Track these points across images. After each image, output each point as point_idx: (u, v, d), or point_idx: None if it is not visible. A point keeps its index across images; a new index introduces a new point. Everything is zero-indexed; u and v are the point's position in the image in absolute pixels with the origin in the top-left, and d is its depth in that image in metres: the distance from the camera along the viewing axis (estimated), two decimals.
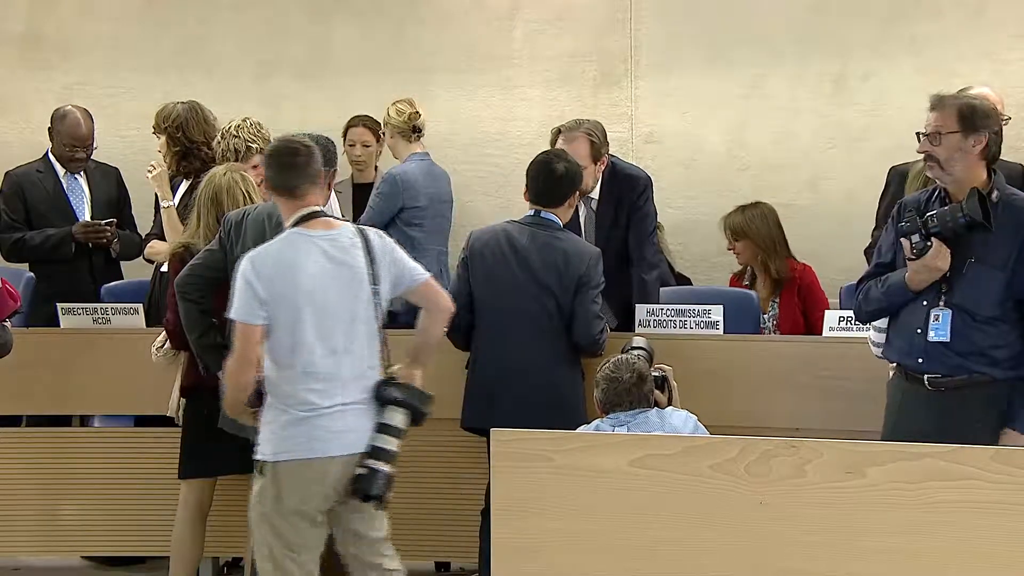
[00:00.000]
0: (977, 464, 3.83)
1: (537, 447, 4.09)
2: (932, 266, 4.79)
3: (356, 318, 4.70)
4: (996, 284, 4.77)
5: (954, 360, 4.80)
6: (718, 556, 3.97)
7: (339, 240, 4.72)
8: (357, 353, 4.70)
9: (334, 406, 4.66)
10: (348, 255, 4.71)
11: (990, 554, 3.80)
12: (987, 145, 4.82)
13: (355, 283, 4.70)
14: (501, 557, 4.10)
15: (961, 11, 7.49)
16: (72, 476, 6.26)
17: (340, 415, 4.67)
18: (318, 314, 4.65)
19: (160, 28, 8.16)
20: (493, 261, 5.66)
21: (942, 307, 4.82)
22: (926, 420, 4.79)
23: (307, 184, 4.77)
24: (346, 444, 4.67)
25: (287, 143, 4.86)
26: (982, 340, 4.78)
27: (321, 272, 4.67)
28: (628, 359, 5.09)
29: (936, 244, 4.77)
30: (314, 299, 4.65)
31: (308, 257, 4.68)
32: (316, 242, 4.70)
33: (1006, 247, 4.77)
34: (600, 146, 6.20)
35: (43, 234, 6.90)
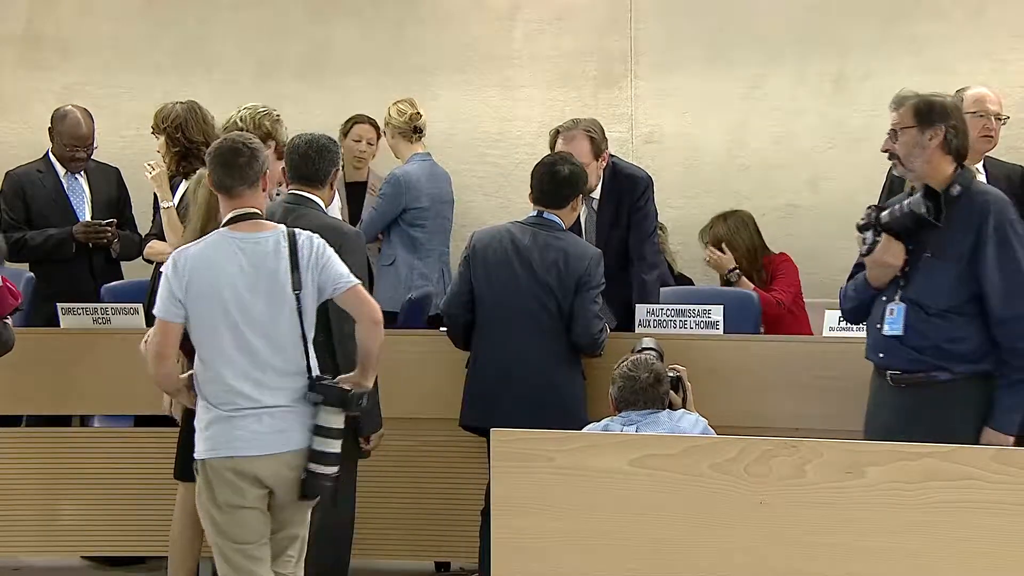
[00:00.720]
0: (977, 464, 3.83)
1: (537, 447, 4.09)
2: (882, 261, 4.86)
3: (277, 322, 4.65)
4: (949, 277, 4.79)
5: (910, 355, 4.83)
6: (718, 556, 3.97)
7: (262, 244, 4.67)
8: (279, 356, 4.66)
9: (257, 407, 4.64)
10: (268, 259, 4.66)
11: (990, 554, 3.80)
12: (945, 139, 4.84)
13: (274, 287, 4.65)
14: (501, 557, 4.10)
15: (961, 11, 7.49)
16: (72, 476, 6.26)
17: (264, 417, 4.64)
18: (235, 315, 4.64)
19: (160, 28, 8.16)
20: (495, 260, 5.67)
21: (897, 301, 4.86)
22: (891, 416, 4.85)
23: (243, 185, 4.71)
24: (269, 445, 4.64)
25: (231, 142, 4.80)
26: (936, 334, 4.79)
27: (239, 274, 4.65)
28: (647, 359, 5.08)
29: (884, 239, 4.84)
30: (230, 300, 4.64)
31: (227, 258, 4.66)
32: (238, 244, 4.67)
33: (961, 241, 4.79)
34: (600, 142, 6.21)
35: (43, 234, 6.90)
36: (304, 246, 4.70)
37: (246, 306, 4.64)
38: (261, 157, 4.76)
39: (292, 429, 4.66)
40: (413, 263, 7.03)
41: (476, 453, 5.69)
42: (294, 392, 4.68)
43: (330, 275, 4.72)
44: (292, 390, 4.68)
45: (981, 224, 4.76)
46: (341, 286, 4.73)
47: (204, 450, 4.69)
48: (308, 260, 4.68)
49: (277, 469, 4.67)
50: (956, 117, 4.88)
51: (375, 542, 6.08)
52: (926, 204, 4.78)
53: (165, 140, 6.62)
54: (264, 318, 4.65)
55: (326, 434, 4.68)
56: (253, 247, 4.67)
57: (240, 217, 4.71)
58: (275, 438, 4.65)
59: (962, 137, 4.87)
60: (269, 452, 4.65)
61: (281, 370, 4.67)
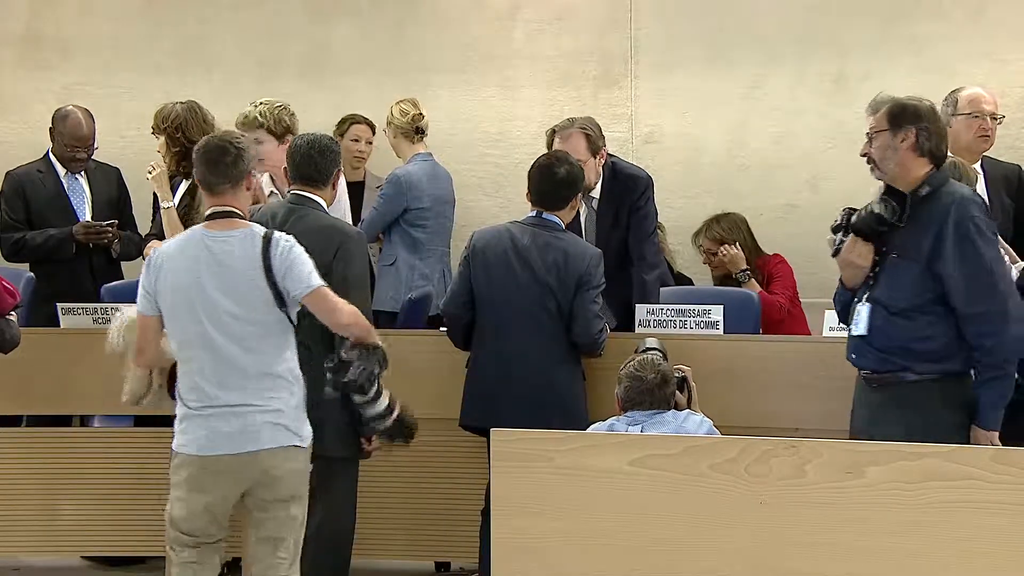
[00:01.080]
0: (977, 464, 3.83)
1: (537, 447, 4.09)
2: (847, 261, 4.94)
3: (245, 320, 4.64)
4: (910, 276, 4.82)
5: (877, 355, 4.88)
6: (718, 556, 3.97)
7: (230, 242, 4.67)
8: (247, 357, 4.65)
9: (222, 406, 4.65)
10: (234, 258, 4.65)
11: (990, 554, 3.81)
12: (917, 141, 4.86)
13: (239, 285, 4.63)
14: (501, 557, 4.10)
15: (961, 11, 7.50)
16: (72, 476, 6.26)
17: (230, 417, 4.65)
18: (200, 312, 4.65)
19: (160, 28, 8.16)
20: (495, 260, 5.67)
21: (864, 302, 4.92)
22: (867, 414, 4.91)
23: (226, 184, 4.72)
24: (234, 444, 4.65)
25: (219, 140, 4.81)
26: (898, 334, 4.82)
27: (205, 271, 4.65)
28: (654, 359, 5.09)
29: (849, 240, 4.90)
30: (196, 298, 4.65)
31: (195, 255, 4.68)
32: (208, 241, 4.68)
33: (923, 240, 4.81)
34: (596, 139, 6.21)
35: (44, 234, 6.90)
36: (277, 247, 4.67)
37: (213, 304, 4.64)
38: (247, 157, 4.77)
39: (260, 429, 4.65)
40: (414, 263, 7.03)
41: (476, 453, 5.69)
42: (263, 392, 4.66)
43: (293, 279, 4.66)
44: (261, 390, 4.66)
45: (943, 223, 4.78)
46: (300, 291, 4.67)
47: (176, 444, 4.73)
48: (279, 262, 4.65)
49: (241, 468, 4.67)
50: (929, 119, 4.90)
51: (375, 542, 6.08)
52: (885, 204, 4.84)
53: (165, 140, 6.62)
54: (229, 317, 4.64)
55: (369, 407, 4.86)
56: (222, 245, 4.68)
57: (216, 215, 4.72)
58: (241, 438, 4.65)
59: (936, 139, 4.89)
60: (233, 452, 4.66)
61: (248, 370, 4.65)
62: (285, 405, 4.69)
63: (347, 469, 5.43)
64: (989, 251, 4.77)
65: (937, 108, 5.05)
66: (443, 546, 6.25)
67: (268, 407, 4.66)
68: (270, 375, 4.67)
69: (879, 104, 4.95)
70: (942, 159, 4.93)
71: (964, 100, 6.26)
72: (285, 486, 4.73)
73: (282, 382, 4.70)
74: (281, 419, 4.67)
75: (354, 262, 5.29)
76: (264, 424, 4.66)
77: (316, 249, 5.13)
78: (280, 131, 6.31)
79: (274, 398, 4.67)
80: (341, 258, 5.24)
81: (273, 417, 4.67)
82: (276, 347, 4.70)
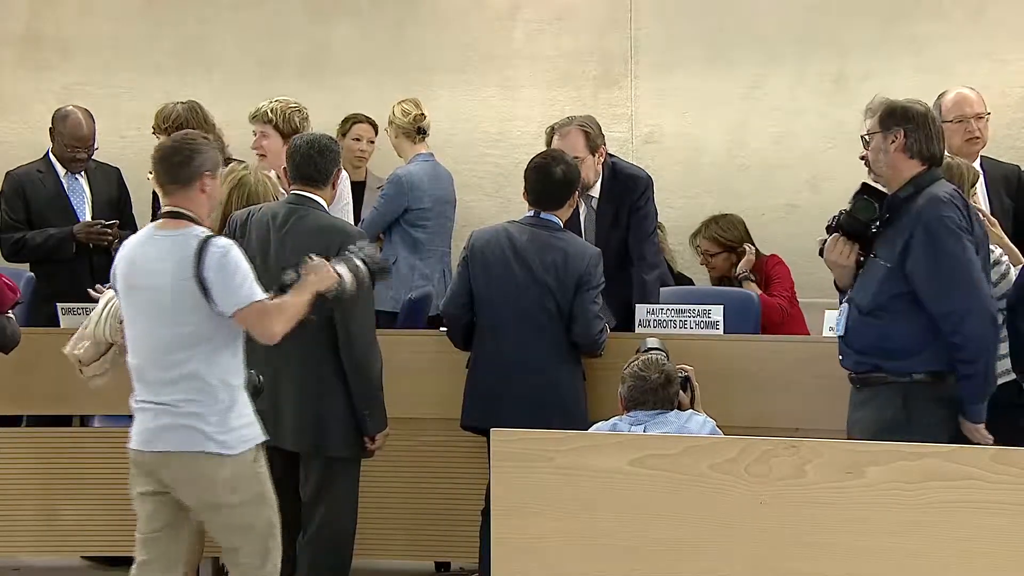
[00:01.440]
0: (977, 464, 3.83)
1: (537, 447, 4.09)
2: (830, 261, 5.01)
3: (172, 321, 4.60)
4: (880, 278, 4.87)
5: (853, 355, 4.95)
6: (718, 556, 3.97)
7: (162, 244, 4.65)
8: (168, 356, 4.62)
9: (148, 403, 4.68)
10: (163, 261, 4.62)
11: (990, 554, 3.81)
12: (906, 142, 4.89)
13: (168, 287, 4.60)
14: (501, 557, 4.10)
15: (961, 11, 7.50)
16: (72, 476, 6.25)
17: (156, 414, 4.65)
18: (134, 309, 4.69)
19: (160, 28, 8.16)
20: (494, 260, 5.66)
21: (844, 302, 5.01)
22: (851, 413, 4.97)
23: (174, 184, 4.69)
24: (154, 442, 4.66)
25: (172, 141, 4.79)
26: (870, 333, 4.88)
27: (143, 269, 4.67)
28: (658, 359, 5.08)
29: (831, 239, 4.97)
30: (134, 294, 4.69)
31: (139, 253, 4.70)
32: (152, 240, 4.69)
33: (899, 240, 4.85)
34: (596, 137, 6.21)
35: (44, 234, 6.90)
36: (212, 255, 4.56)
37: (146, 301, 4.65)
38: (199, 159, 4.69)
39: (180, 430, 4.61)
40: (414, 263, 7.03)
41: (476, 453, 5.69)
42: (182, 394, 4.60)
43: (224, 292, 4.57)
44: (181, 392, 4.61)
45: (916, 223, 4.82)
46: (230, 308, 4.58)
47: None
48: (211, 271, 4.55)
49: (155, 467, 4.69)
50: (918, 120, 4.92)
51: (375, 542, 6.08)
52: (855, 200, 4.91)
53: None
54: (157, 317, 4.64)
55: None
56: (157, 244, 4.67)
57: (166, 214, 4.71)
58: (152, 436, 4.66)
59: (926, 140, 4.91)
60: (153, 449, 4.67)
61: (170, 371, 4.62)
62: (206, 409, 4.59)
63: (349, 469, 5.43)
64: (956, 250, 4.79)
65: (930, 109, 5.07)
66: (443, 546, 6.25)
67: (184, 410, 4.60)
68: (195, 378, 4.59)
69: (873, 108, 4.99)
70: (935, 160, 4.94)
71: (947, 106, 6.27)
72: (199, 492, 4.66)
73: (206, 386, 4.59)
74: (197, 423, 4.59)
75: None
76: (177, 426, 4.61)
77: (317, 249, 5.14)
78: (288, 130, 6.33)
79: (193, 401, 4.60)
80: None
81: (188, 420, 4.60)
82: (208, 351, 4.60)
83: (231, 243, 4.66)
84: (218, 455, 4.60)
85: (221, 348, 4.62)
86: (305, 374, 5.31)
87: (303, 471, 5.40)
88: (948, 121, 6.09)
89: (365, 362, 5.31)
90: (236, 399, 4.65)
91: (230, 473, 4.63)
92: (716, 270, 7.15)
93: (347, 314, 5.23)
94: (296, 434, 5.32)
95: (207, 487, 4.64)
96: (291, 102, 6.41)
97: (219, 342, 4.61)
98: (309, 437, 5.33)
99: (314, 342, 5.24)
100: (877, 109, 4.98)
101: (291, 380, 5.30)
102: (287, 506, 5.41)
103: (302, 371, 5.30)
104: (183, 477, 4.65)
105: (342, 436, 5.34)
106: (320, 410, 5.31)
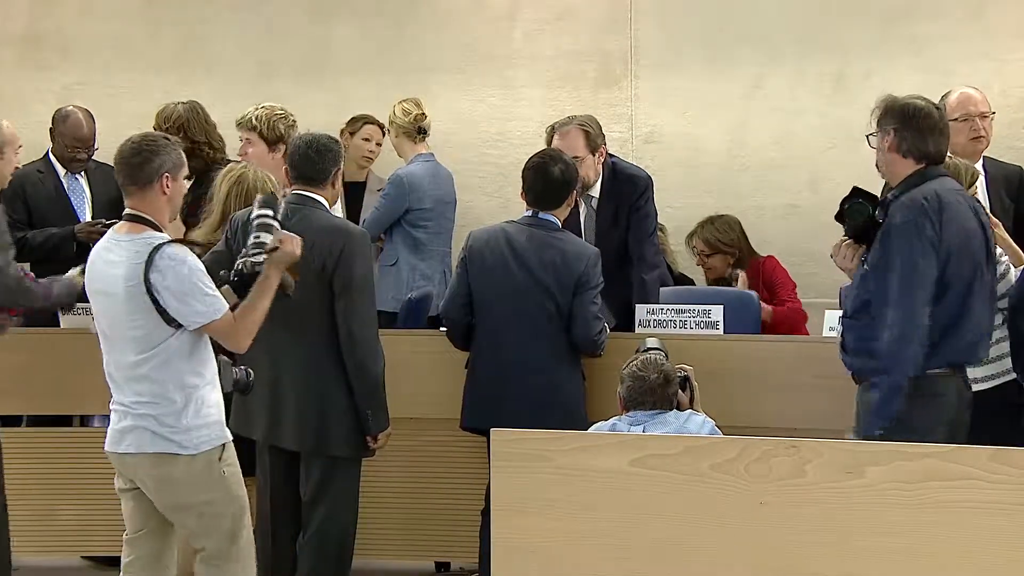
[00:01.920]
0: (977, 464, 3.83)
1: (537, 447, 4.09)
2: (838, 264, 5.07)
3: (128, 324, 4.58)
4: (857, 282, 4.92)
5: (847, 358, 5.00)
6: (718, 556, 3.97)
7: (116, 249, 4.62)
8: (129, 356, 4.61)
9: (113, 403, 4.69)
10: (117, 266, 4.60)
11: (990, 554, 3.80)
12: (896, 141, 4.89)
13: (116, 290, 4.58)
14: (501, 557, 4.10)
15: (961, 11, 7.50)
16: (72, 476, 6.26)
17: (120, 415, 4.66)
18: (97, 311, 4.71)
19: (160, 28, 8.16)
20: (492, 261, 5.66)
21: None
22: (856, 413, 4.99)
23: (132, 185, 4.65)
24: (117, 443, 4.67)
25: (131, 142, 4.74)
26: (854, 336, 4.93)
27: (100, 273, 4.67)
28: (656, 359, 5.07)
29: (835, 245, 5.03)
30: (94, 297, 4.71)
31: (100, 257, 4.70)
32: (112, 244, 4.66)
33: (878, 243, 4.87)
34: (596, 136, 6.20)
35: (45, 233, 6.90)
36: (162, 265, 4.52)
37: (105, 305, 4.66)
38: (158, 161, 4.64)
39: (139, 431, 4.60)
40: (415, 264, 7.04)
41: (476, 453, 5.69)
42: (141, 395, 4.60)
43: (184, 307, 4.54)
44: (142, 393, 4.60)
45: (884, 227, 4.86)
46: (195, 324, 4.57)
47: None
48: (165, 280, 4.52)
49: (122, 467, 4.70)
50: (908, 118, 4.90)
51: (375, 542, 6.08)
52: (850, 205, 4.95)
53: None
54: (111, 319, 4.64)
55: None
56: (113, 249, 4.64)
57: (125, 217, 4.69)
58: (125, 437, 4.65)
59: (918, 138, 4.90)
60: (117, 451, 4.67)
61: (129, 372, 4.62)
62: (160, 411, 4.58)
63: (349, 469, 5.43)
64: (902, 255, 4.76)
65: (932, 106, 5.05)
66: (443, 546, 6.26)
67: (140, 411, 4.60)
68: (149, 380, 4.58)
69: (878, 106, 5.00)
70: (931, 158, 4.92)
71: (952, 105, 6.27)
72: (162, 493, 4.65)
73: (160, 388, 4.58)
74: (152, 424, 4.59)
75: (358, 262, 5.29)
76: (136, 428, 4.61)
77: (320, 249, 5.15)
78: (272, 138, 6.32)
79: (148, 403, 4.59)
80: (345, 259, 5.24)
81: (144, 422, 4.59)
82: (161, 353, 4.58)
83: (186, 253, 4.59)
84: (175, 455, 4.60)
85: (176, 350, 4.59)
86: (306, 374, 5.30)
87: (303, 471, 5.40)
88: (953, 119, 6.09)
89: (368, 361, 5.31)
90: (191, 399, 4.61)
91: (189, 473, 4.61)
92: (712, 271, 7.14)
93: (350, 313, 5.23)
94: (298, 433, 5.32)
95: (168, 487, 4.64)
96: (277, 109, 6.39)
97: (173, 345, 4.58)
98: (311, 436, 5.33)
99: (315, 341, 5.25)
100: (878, 107, 4.98)
101: (292, 379, 5.30)
102: (287, 506, 5.43)
103: (303, 370, 5.30)
104: (147, 478, 4.66)
105: (344, 435, 5.34)
106: (322, 409, 5.31)
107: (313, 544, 5.38)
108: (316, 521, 5.37)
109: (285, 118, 6.38)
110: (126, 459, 4.67)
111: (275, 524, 5.42)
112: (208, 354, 4.69)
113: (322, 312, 5.23)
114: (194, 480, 4.62)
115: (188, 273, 4.54)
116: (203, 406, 4.63)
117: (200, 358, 4.65)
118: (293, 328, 5.19)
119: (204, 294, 4.56)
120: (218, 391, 4.72)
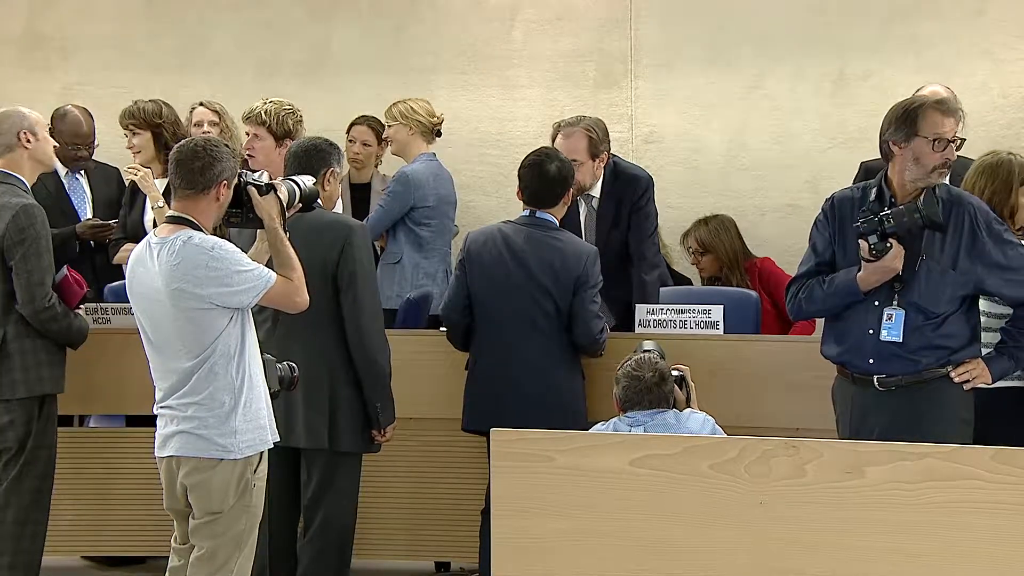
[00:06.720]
0: (977, 464, 3.83)
1: (537, 447, 4.09)
2: (889, 267, 4.85)
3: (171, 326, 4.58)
4: (947, 281, 4.85)
5: (905, 358, 4.87)
6: (718, 556, 3.97)
7: (157, 251, 4.60)
8: (173, 360, 4.61)
9: (158, 407, 4.68)
10: (145, 265, 4.62)
11: (990, 554, 3.81)
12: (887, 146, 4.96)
13: (159, 293, 4.58)
14: (501, 557, 4.10)
15: (961, 11, 7.50)
16: (72, 476, 6.24)
17: (161, 419, 4.67)
18: (140, 314, 4.69)
19: (160, 28, 8.16)
20: (490, 262, 5.65)
21: (895, 307, 4.88)
22: (877, 420, 4.87)
23: (189, 189, 4.62)
24: (159, 445, 4.68)
25: (193, 144, 4.69)
26: (934, 335, 4.86)
27: (143, 274, 4.65)
28: (651, 358, 5.06)
29: (896, 246, 4.83)
30: (136, 299, 4.70)
31: (140, 258, 4.68)
32: (152, 245, 4.65)
33: (952, 245, 4.85)
34: (599, 143, 6.18)
35: None
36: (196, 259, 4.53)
37: (145, 307, 4.66)
38: (218, 168, 4.63)
39: (184, 436, 4.60)
40: (419, 262, 7.04)
41: (476, 453, 5.69)
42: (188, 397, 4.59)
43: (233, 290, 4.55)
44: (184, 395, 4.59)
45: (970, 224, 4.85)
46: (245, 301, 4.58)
47: None
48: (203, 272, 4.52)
49: (167, 472, 4.70)
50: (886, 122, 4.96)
51: (375, 542, 6.09)
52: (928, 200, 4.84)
53: (151, 137, 6.66)
54: (160, 322, 4.62)
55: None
56: (154, 251, 4.62)
57: (170, 219, 4.68)
58: (162, 441, 4.67)
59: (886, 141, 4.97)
60: (163, 454, 4.68)
61: (173, 376, 4.62)
62: (207, 413, 4.57)
63: (351, 466, 5.42)
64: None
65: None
66: (443, 546, 6.25)
67: (186, 414, 4.59)
68: (196, 382, 4.58)
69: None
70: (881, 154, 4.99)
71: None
72: (202, 499, 4.63)
73: (207, 390, 4.57)
74: (198, 428, 4.58)
75: (360, 255, 5.29)
76: (181, 432, 4.60)
77: (319, 245, 5.15)
78: (281, 133, 6.31)
79: (194, 405, 4.58)
80: (347, 252, 5.24)
81: (189, 425, 4.59)
82: (208, 355, 4.57)
83: (214, 239, 4.60)
84: (217, 460, 4.59)
85: (222, 352, 4.58)
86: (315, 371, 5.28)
87: (305, 469, 5.39)
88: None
89: (376, 354, 5.30)
90: (240, 402, 4.60)
91: (227, 479, 4.61)
92: (705, 270, 7.14)
93: (357, 307, 5.23)
94: (308, 431, 5.29)
95: (205, 494, 4.62)
96: (285, 104, 6.39)
97: (220, 346, 4.58)
98: (321, 433, 5.30)
99: (321, 337, 5.24)
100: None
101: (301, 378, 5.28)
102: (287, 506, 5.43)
103: (310, 367, 5.26)
104: (191, 483, 4.64)
105: (352, 430, 5.33)
106: (331, 405, 5.30)
107: (313, 544, 5.38)
108: (316, 521, 5.37)
109: (293, 113, 6.38)
110: (172, 463, 4.66)
111: (275, 524, 5.41)
112: (255, 353, 4.69)
113: (327, 307, 5.23)
114: (226, 487, 4.61)
115: (222, 256, 4.54)
116: (251, 409, 4.63)
117: (247, 359, 4.64)
118: (298, 326, 5.18)
119: (245, 270, 4.56)
120: (266, 392, 4.72)
